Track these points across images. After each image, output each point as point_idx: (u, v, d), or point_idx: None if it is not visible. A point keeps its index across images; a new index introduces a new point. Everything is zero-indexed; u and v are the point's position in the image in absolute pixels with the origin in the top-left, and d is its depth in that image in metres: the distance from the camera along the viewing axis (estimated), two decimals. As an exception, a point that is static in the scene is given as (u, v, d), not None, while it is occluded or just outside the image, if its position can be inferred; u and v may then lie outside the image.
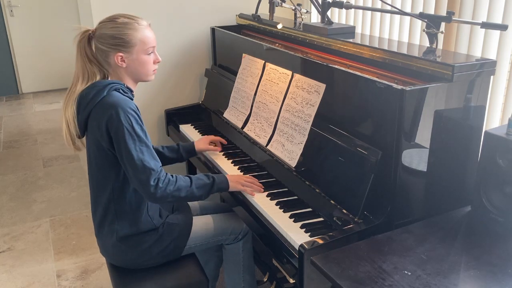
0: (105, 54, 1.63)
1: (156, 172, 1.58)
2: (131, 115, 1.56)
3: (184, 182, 1.65)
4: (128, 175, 1.61)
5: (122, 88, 1.64)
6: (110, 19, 1.64)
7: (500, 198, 1.39)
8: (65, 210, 3.26)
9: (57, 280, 2.54)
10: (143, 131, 1.60)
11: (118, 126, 1.54)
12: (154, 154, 1.61)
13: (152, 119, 2.72)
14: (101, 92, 1.59)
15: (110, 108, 1.56)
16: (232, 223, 1.89)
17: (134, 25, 1.63)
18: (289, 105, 1.85)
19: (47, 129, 4.87)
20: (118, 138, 1.55)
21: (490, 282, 1.15)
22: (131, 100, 1.63)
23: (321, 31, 2.00)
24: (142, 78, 1.71)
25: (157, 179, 1.58)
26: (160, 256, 1.74)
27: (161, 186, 1.58)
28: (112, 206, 1.67)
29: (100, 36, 1.62)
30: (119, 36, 1.60)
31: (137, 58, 1.65)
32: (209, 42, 2.71)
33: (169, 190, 1.60)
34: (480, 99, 1.52)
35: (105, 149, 1.61)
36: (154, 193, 1.58)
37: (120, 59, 1.63)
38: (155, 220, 1.72)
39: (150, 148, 1.60)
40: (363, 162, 1.48)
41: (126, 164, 1.57)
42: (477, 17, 1.79)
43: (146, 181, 1.56)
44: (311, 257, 1.27)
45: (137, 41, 1.63)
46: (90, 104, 1.60)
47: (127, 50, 1.62)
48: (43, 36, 5.94)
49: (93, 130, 1.62)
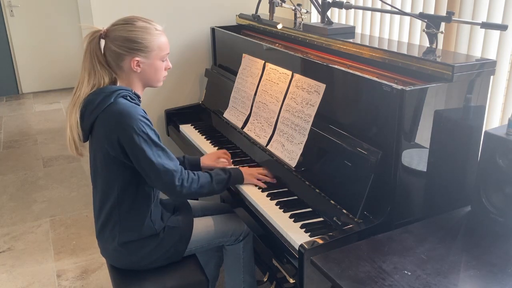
0: (119, 57, 1.59)
1: (178, 172, 1.60)
2: (143, 123, 1.55)
3: (205, 179, 1.69)
4: (150, 181, 1.60)
5: (129, 95, 1.61)
6: (127, 22, 1.60)
7: (500, 198, 1.39)
8: (65, 210, 3.26)
9: (57, 280, 2.54)
10: (156, 135, 1.59)
11: (132, 136, 1.52)
12: (171, 155, 1.62)
13: (152, 119, 2.66)
14: (108, 98, 1.56)
15: (119, 118, 1.53)
16: (233, 224, 1.88)
17: (152, 30, 1.60)
18: (289, 105, 1.85)
19: (47, 129, 4.87)
20: (134, 147, 1.54)
21: (490, 282, 1.15)
22: (139, 106, 1.61)
23: (321, 31, 2.00)
24: (152, 84, 1.70)
25: (182, 179, 1.61)
26: (161, 259, 1.74)
27: (186, 185, 1.62)
28: (116, 212, 1.66)
29: (115, 38, 1.58)
30: (138, 40, 1.57)
31: (153, 64, 1.63)
32: (209, 42, 2.71)
33: (194, 188, 1.64)
34: (480, 99, 1.52)
35: (112, 157, 1.58)
36: (180, 192, 1.61)
37: (136, 63, 1.60)
38: (156, 225, 1.71)
39: (165, 150, 1.61)
40: (363, 162, 1.48)
41: (147, 171, 1.56)
42: (477, 17, 1.79)
43: (172, 183, 1.58)
44: (311, 257, 1.27)
45: (155, 47, 1.60)
46: (96, 110, 1.56)
47: (145, 55, 1.60)
48: (43, 36, 5.94)
49: (99, 138, 1.59)
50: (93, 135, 1.63)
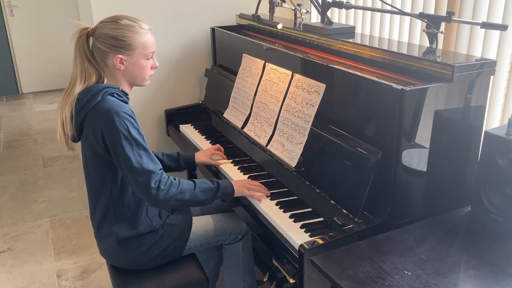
0: (104, 54, 1.61)
1: (157, 175, 1.55)
2: (126, 120, 1.54)
3: (187, 185, 1.62)
4: (128, 181, 1.58)
5: (116, 92, 1.61)
6: (112, 20, 1.62)
7: (500, 198, 1.39)
8: (65, 210, 3.26)
9: (57, 280, 2.54)
10: (140, 135, 1.57)
11: (114, 132, 1.52)
12: (154, 157, 1.59)
13: (152, 119, 2.73)
14: (96, 97, 1.57)
15: (104, 114, 1.53)
16: (232, 223, 1.88)
17: (137, 28, 1.61)
18: (289, 105, 1.85)
19: (47, 129, 4.86)
20: (115, 144, 1.53)
21: (490, 282, 1.15)
22: (126, 104, 1.61)
23: (321, 31, 2.00)
24: (137, 83, 1.69)
25: (158, 181, 1.55)
26: (160, 257, 1.74)
27: (163, 188, 1.55)
28: (111, 209, 1.66)
29: (100, 35, 1.60)
30: (121, 38, 1.59)
31: (136, 62, 1.63)
32: (209, 42, 2.71)
33: (172, 193, 1.57)
34: (480, 99, 1.52)
35: (101, 155, 1.59)
36: (156, 196, 1.54)
37: (119, 61, 1.61)
38: (154, 222, 1.72)
39: (148, 152, 1.58)
40: (363, 162, 1.48)
41: (125, 169, 1.54)
42: (477, 17, 1.79)
43: (147, 183, 1.53)
44: (311, 257, 1.27)
45: (139, 45, 1.61)
46: (84, 109, 1.57)
47: (128, 53, 1.61)
48: (43, 36, 5.94)
49: (88, 136, 1.60)
50: (83, 134, 1.64)
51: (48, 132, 4.77)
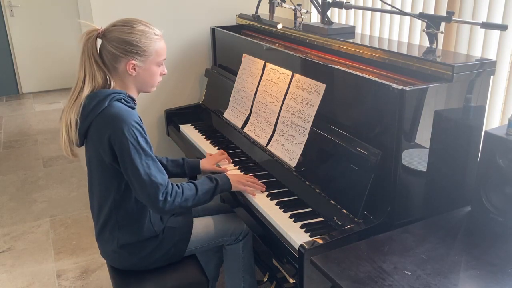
0: (115, 59, 1.57)
1: (164, 187, 1.55)
2: (135, 129, 1.52)
3: (190, 191, 1.63)
4: (134, 190, 1.57)
5: (124, 98, 1.58)
6: (126, 23, 1.58)
7: (500, 198, 1.39)
8: (65, 210, 3.26)
9: (57, 280, 2.54)
10: (148, 144, 1.56)
11: (122, 141, 1.50)
12: (160, 167, 1.58)
13: (152, 119, 2.72)
14: (103, 102, 1.54)
15: (112, 122, 1.51)
16: (233, 224, 1.88)
17: (151, 34, 1.59)
18: (289, 105, 1.85)
19: (47, 129, 4.86)
20: (123, 153, 1.51)
21: (490, 282, 1.15)
22: (134, 110, 1.59)
23: (321, 31, 2.00)
24: (146, 89, 1.68)
25: (165, 193, 1.55)
26: (161, 260, 1.73)
27: (169, 200, 1.56)
28: (114, 216, 1.65)
29: (113, 39, 1.56)
30: (136, 43, 1.55)
31: (149, 69, 1.61)
32: (209, 42, 2.71)
33: (177, 203, 1.59)
34: (480, 99, 1.52)
35: (107, 162, 1.57)
36: (163, 207, 1.56)
37: (132, 67, 1.58)
38: (156, 227, 1.70)
39: (156, 161, 1.57)
40: (363, 162, 1.48)
41: (133, 179, 1.53)
42: (477, 17, 1.79)
43: (155, 196, 1.53)
44: (311, 257, 1.27)
45: (153, 51, 1.59)
46: (91, 114, 1.55)
47: (141, 59, 1.58)
48: (43, 36, 5.94)
49: (94, 142, 1.58)
50: (88, 140, 1.62)
51: (48, 132, 4.77)
